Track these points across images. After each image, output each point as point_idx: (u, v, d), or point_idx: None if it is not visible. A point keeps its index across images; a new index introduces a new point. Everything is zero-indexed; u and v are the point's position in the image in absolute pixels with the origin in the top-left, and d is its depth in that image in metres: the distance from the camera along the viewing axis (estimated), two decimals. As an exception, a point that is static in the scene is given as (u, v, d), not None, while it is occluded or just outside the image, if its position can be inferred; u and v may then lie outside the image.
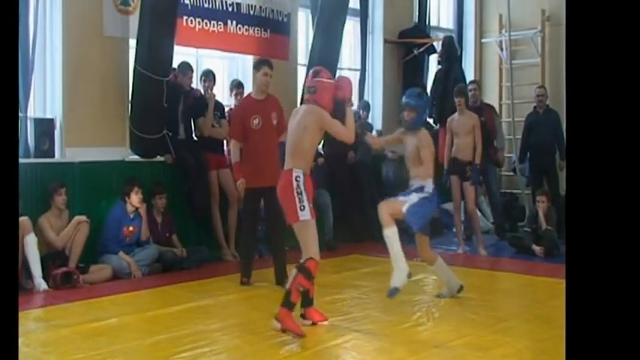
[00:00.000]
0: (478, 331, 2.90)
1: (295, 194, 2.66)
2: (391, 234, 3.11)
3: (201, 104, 4.56)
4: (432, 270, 3.43)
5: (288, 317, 2.62)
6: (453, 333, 2.87)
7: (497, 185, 5.71)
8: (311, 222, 2.71)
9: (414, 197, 3.13)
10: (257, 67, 3.70)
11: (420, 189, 3.15)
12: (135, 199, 4.10)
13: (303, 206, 2.67)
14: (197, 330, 2.91)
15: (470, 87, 5.38)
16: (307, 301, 2.94)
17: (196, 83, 4.73)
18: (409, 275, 3.14)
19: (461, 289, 3.48)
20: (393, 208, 3.15)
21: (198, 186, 4.47)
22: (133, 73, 4.26)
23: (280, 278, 3.60)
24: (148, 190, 4.27)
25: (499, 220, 5.64)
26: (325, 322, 3.00)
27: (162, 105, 4.25)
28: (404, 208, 3.09)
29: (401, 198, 3.18)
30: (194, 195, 4.49)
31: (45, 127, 4.03)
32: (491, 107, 5.75)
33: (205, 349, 2.62)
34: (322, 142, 5.53)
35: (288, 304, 2.63)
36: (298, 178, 2.68)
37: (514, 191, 6.61)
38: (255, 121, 3.58)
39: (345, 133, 2.75)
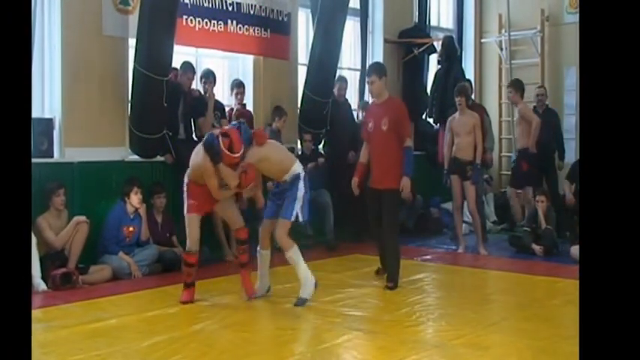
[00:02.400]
0: (478, 330, 2.90)
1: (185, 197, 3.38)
2: (293, 253, 3.29)
3: (200, 104, 4.55)
4: (263, 255, 3.42)
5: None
6: (453, 332, 2.87)
7: (483, 187, 5.70)
8: (190, 217, 3.35)
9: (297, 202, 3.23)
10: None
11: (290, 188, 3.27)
12: (134, 199, 4.09)
13: (187, 205, 3.37)
14: (197, 330, 2.90)
15: None
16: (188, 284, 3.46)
17: (196, 83, 4.72)
18: (316, 285, 3.31)
19: (269, 289, 3.41)
20: (285, 226, 3.29)
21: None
22: (132, 72, 4.24)
23: (390, 277, 3.76)
24: (148, 190, 4.26)
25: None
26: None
27: (162, 105, 4.24)
28: (292, 219, 3.25)
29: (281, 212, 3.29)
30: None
31: (44, 126, 4.01)
32: (482, 107, 5.72)
33: (205, 350, 2.61)
34: (323, 141, 5.56)
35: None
36: (187, 185, 3.38)
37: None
38: (370, 125, 3.78)
39: (214, 190, 3.28)
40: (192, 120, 4.61)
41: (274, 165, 3.27)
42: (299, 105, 5.43)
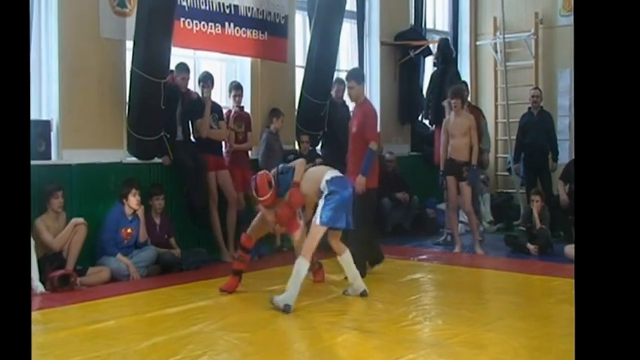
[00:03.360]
0: (474, 329, 2.93)
1: None
2: (302, 264, 3.31)
3: (198, 106, 4.56)
4: (339, 260, 3.53)
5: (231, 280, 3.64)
6: (449, 331, 2.90)
7: (479, 187, 5.76)
8: (260, 213, 3.61)
9: (319, 206, 3.37)
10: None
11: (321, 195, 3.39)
12: (133, 201, 4.09)
13: None
14: (196, 331, 2.91)
15: None
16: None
17: (194, 85, 4.74)
18: (287, 309, 3.22)
19: (364, 293, 3.49)
20: (312, 232, 3.38)
21: (197, 187, 4.48)
22: (130, 74, 4.26)
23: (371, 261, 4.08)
24: (146, 192, 4.26)
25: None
26: None
27: (160, 107, 4.25)
28: (317, 222, 3.34)
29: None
30: (193, 196, 4.49)
31: (41, 128, 4.01)
32: (478, 109, 5.80)
33: (204, 350, 2.63)
34: (320, 143, 5.60)
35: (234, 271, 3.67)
36: None
37: (509, 191, 6.68)
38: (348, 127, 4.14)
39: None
40: (189, 122, 4.62)
41: (314, 194, 3.44)
42: (297, 107, 5.46)
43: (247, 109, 5.09)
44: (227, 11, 4.89)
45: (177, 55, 4.59)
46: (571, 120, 6.60)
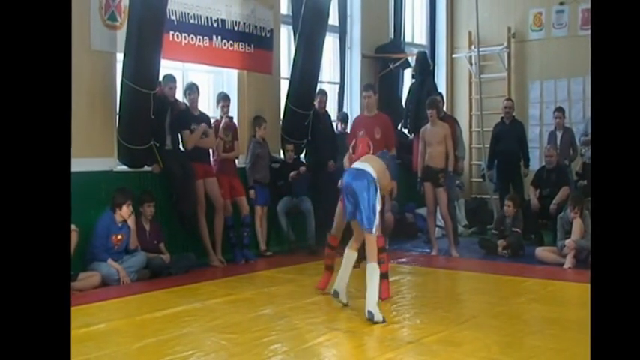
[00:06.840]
0: (450, 328, 3.08)
1: None
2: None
3: (186, 116, 4.67)
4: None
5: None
6: (426, 330, 3.04)
7: (456, 193, 6.02)
8: (338, 208, 3.83)
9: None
10: (361, 91, 4.59)
11: None
12: (126, 212, 4.17)
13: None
14: (184, 333, 3.00)
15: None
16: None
17: (182, 96, 4.84)
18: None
19: (334, 293, 3.50)
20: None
21: (186, 195, 4.57)
22: (120, 86, 4.35)
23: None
24: (137, 199, 4.34)
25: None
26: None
27: (150, 117, 4.35)
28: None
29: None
30: (181, 203, 4.58)
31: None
32: (453, 119, 6.06)
33: (192, 351, 2.71)
34: (304, 151, 5.77)
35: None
36: None
37: (483, 196, 6.97)
38: (360, 133, 4.39)
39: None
40: (178, 132, 4.71)
41: None
42: (281, 117, 5.63)
43: (234, 119, 5.24)
44: (215, 25, 5.01)
45: (167, 67, 4.69)
46: (541, 129, 6.96)
